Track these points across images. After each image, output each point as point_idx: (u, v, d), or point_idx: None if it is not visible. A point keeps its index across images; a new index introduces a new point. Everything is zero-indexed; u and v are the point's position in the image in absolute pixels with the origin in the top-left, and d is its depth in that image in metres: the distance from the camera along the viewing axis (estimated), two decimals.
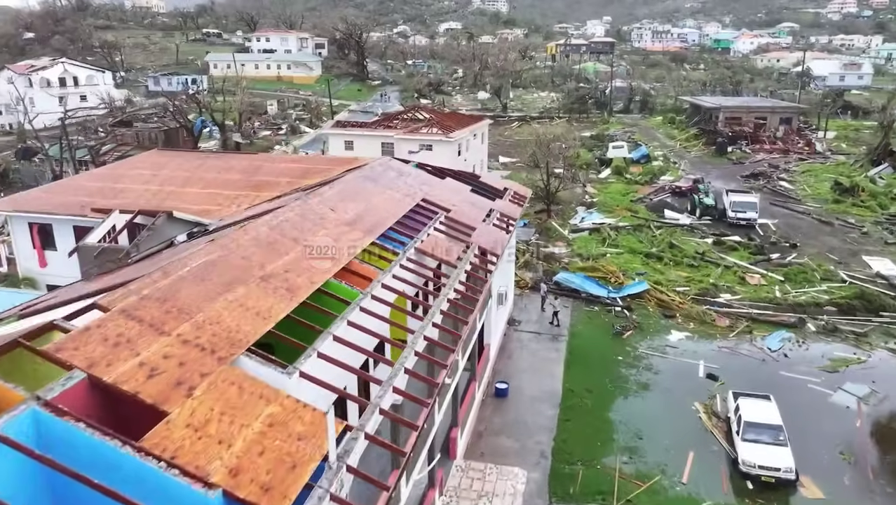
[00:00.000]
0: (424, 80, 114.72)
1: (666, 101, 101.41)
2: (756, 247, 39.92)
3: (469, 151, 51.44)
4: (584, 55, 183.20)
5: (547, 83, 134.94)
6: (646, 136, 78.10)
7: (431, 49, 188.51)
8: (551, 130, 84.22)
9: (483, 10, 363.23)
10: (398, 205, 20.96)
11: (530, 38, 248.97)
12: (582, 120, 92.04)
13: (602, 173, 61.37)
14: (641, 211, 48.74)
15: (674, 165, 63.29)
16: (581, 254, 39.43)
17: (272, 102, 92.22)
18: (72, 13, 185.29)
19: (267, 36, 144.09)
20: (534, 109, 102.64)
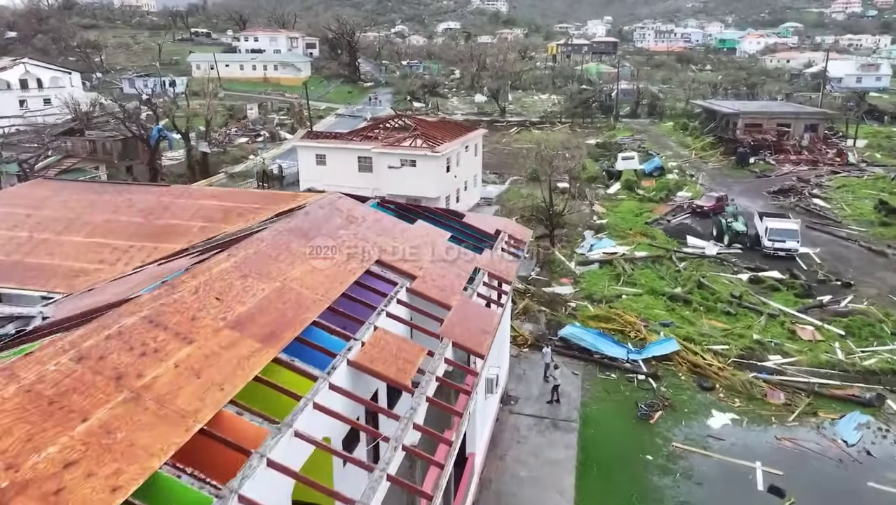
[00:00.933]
0: (418, 82, 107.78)
1: (675, 105, 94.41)
2: (802, 287, 32.96)
3: (460, 167, 44.54)
4: (586, 56, 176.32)
5: (548, 85, 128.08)
6: (657, 144, 71.15)
7: (429, 49, 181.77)
8: (553, 138, 77.41)
9: (482, 9, 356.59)
10: (336, 275, 14.06)
11: (530, 38, 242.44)
12: (586, 126, 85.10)
13: (610, 188, 54.44)
14: (659, 236, 41.79)
15: (691, 179, 56.33)
16: (591, 295, 32.51)
17: (252, 106, 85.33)
18: (57, 12, 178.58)
19: (255, 35, 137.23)
20: (534, 113, 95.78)
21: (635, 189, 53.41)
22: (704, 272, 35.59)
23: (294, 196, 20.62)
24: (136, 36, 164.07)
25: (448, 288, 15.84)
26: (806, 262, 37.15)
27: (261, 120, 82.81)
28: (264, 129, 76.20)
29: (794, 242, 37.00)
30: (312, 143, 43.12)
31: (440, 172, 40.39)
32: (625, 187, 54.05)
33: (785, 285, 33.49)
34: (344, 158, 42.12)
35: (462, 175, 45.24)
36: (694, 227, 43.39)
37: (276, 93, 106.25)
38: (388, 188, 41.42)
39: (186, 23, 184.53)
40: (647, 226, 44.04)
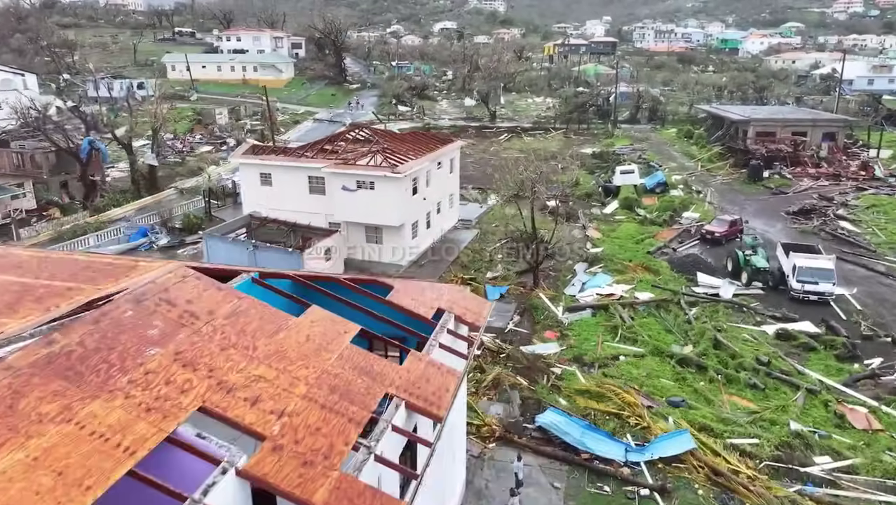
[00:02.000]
0: (405, 85, 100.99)
1: (678, 109, 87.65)
2: (844, 346, 26.31)
3: (431, 187, 37.86)
4: (584, 56, 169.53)
5: (543, 87, 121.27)
6: (659, 153, 64.42)
7: (422, 50, 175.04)
8: (546, 146, 70.68)
9: (480, 9, 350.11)
10: (88, 465, 7.44)
11: (528, 38, 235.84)
12: (582, 132, 78.38)
13: (607, 207, 47.76)
14: (664, 270, 35.12)
15: (698, 196, 49.64)
16: (582, 356, 25.87)
17: (222, 111, 78.62)
18: (37, 11, 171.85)
19: (238, 35, 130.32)
20: (527, 118, 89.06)
21: (635, 208, 46.74)
22: (720, 322, 28.95)
23: (130, 267, 13.90)
24: (118, 35, 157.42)
25: (320, 456, 9.18)
26: (842, 305, 30.50)
27: (230, 126, 76.12)
28: (230, 136, 69.50)
29: (829, 285, 30.32)
30: (255, 160, 36.44)
31: (403, 196, 33.72)
32: (623, 206, 47.38)
33: (822, 343, 26.83)
34: (292, 178, 35.45)
35: (434, 196, 38.57)
36: (704, 258, 36.70)
37: (253, 95, 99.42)
38: (344, 214, 34.79)
39: (172, 22, 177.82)
40: (650, 256, 37.36)
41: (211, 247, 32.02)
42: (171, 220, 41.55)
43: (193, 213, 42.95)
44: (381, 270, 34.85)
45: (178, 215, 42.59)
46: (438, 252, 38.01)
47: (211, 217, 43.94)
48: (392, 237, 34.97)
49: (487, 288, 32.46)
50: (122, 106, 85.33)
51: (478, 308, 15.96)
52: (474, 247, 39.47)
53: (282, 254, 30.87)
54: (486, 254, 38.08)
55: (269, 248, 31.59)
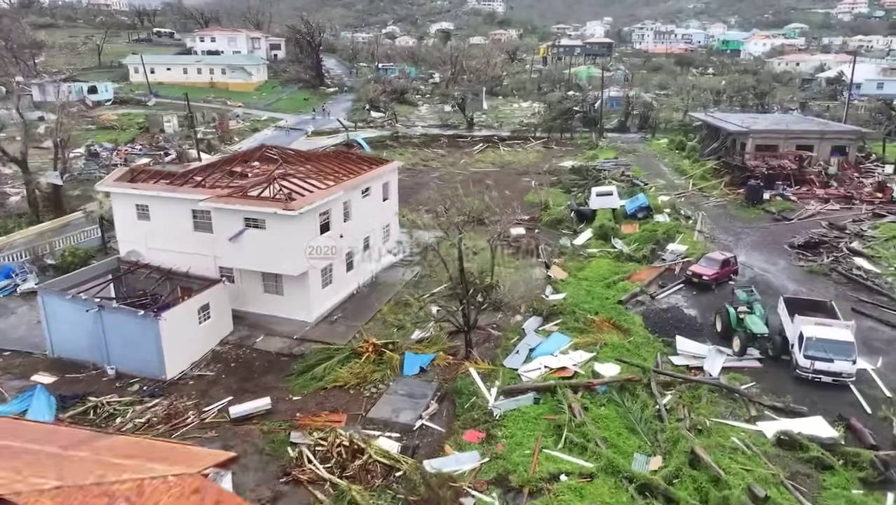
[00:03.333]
0: (380, 89, 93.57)
1: (672, 116, 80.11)
2: (874, 465, 18.82)
3: (352, 220, 30.54)
4: (579, 58, 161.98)
5: (531, 91, 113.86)
6: (646, 168, 56.88)
7: (413, 51, 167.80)
8: (522, 158, 63.32)
9: (478, 9, 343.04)
10: None
11: (525, 39, 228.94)
12: (564, 142, 70.91)
13: (579, 237, 40.31)
14: (636, 327, 27.68)
15: (687, 222, 42.15)
16: (508, 475, 18.51)
17: (170, 118, 71.39)
18: (13, 11, 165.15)
19: (212, 35, 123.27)
20: (509, 125, 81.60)
21: (612, 238, 39.28)
22: (702, 414, 21.54)
23: None
24: (93, 36, 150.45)
25: None
26: (865, 387, 23.04)
27: (178, 134, 68.91)
28: (172, 146, 62.27)
29: (848, 363, 22.81)
30: (129, 189, 29.16)
31: (305, 236, 26.40)
32: (598, 235, 39.92)
33: (840, 456, 19.38)
34: (173, 212, 28.15)
35: (358, 231, 31.25)
36: (688, 312, 29.27)
37: (219, 100, 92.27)
38: (233, 259, 27.48)
39: (154, 22, 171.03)
40: (621, 306, 29.93)
41: (49, 308, 24.73)
42: (49, 257, 34.34)
43: (81, 248, 35.65)
44: (281, 331, 27.59)
45: (62, 249, 35.31)
46: (363, 301, 30.66)
47: (107, 250, 36.71)
48: (295, 288, 27.66)
49: (406, 357, 25.11)
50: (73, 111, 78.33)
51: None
52: (411, 293, 32.12)
53: (133, 318, 23.57)
54: (419, 304, 30.77)
55: (118, 309, 24.28)
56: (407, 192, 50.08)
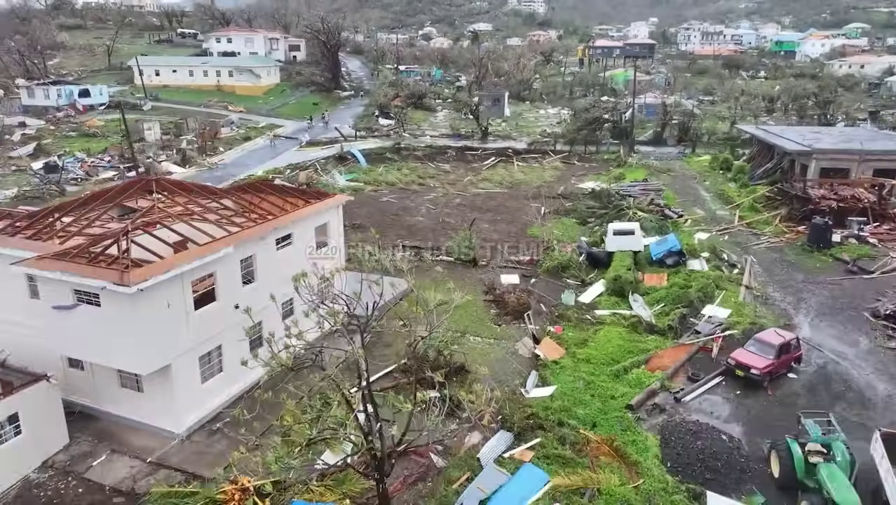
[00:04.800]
0: (392, 93, 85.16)
1: (716, 127, 69.37)
2: None
3: (262, 280, 22.10)
4: (618, 60, 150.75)
5: (562, 95, 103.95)
6: (682, 193, 46.91)
7: (443, 53, 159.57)
8: (536, 177, 54.01)
9: (518, 10, 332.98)
10: None
11: (565, 40, 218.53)
12: (589, 157, 61.16)
13: (588, 290, 30.96)
14: (648, 460, 18.46)
15: (731, 273, 32.28)
16: None
17: (152, 125, 64.51)
18: (44, 13, 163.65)
19: (228, 36, 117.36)
20: (530, 135, 72.14)
21: (630, 295, 29.86)
22: None
23: None
24: (117, 37, 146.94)
25: None
26: None
27: (163, 143, 61.95)
28: (139, 160, 55.12)
29: None
30: None
31: (155, 319, 18.06)
32: (612, 289, 30.54)
33: None
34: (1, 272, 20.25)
35: (276, 291, 22.77)
36: (728, 433, 19.79)
37: (221, 104, 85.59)
38: (60, 342, 19.31)
39: (181, 23, 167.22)
40: (631, 415, 20.72)
41: None
42: None
43: None
44: (136, 446, 19.34)
45: None
46: (270, 396, 22.10)
47: None
48: (157, 384, 19.35)
49: None
50: (54, 117, 72.59)
51: None
52: (343, 379, 23.44)
53: None
54: (347, 398, 22.06)
55: None
56: (387, 222, 41.56)
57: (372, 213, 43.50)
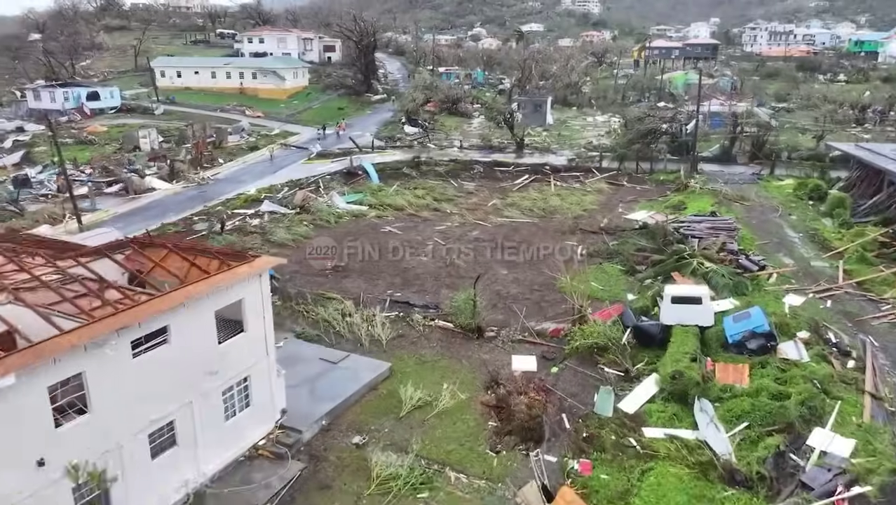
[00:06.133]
0: (421, 98, 76.46)
1: (797, 140, 57.90)
2: None
3: (110, 403, 13.44)
4: (678, 61, 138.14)
5: (614, 101, 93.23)
6: (761, 229, 36.38)
7: (488, 54, 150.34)
8: (575, 202, 44.34)
9: (572, 10, 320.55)
10: None
11: (619, 41, 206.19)
12: (641, 177, 50.93)
13: (632, 394, 21.35)
14: None
15: (844, 369, 22.09)
16: None
17: (147, 133, 57.77)
18: (92, 15, 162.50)
19: (261, 36, 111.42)
20: (574, 147, 62.26)
21: (696, 400, 20.20)
22: None
23: None
24: (160, 37, 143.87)
25: None
26: None
27: (153, 153, 55.09)
28: (121, 170, 48.15)
29: None
30: None
31: None
32: (668, 392, 20.88)
33: None
34: None
35: (138, 415, 14.39)
36: None
37: (238, 108, 78.88)
38: None
39: (223, 23, 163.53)
40: None
41: None
42: None
43: None
44: None
45: None
46: None
47: None
48: None
49: None
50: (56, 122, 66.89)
51: None
52: None
53: None
54: None
55: None
56: (380, 264, 32.89)
57: (364, 249, 34.94)
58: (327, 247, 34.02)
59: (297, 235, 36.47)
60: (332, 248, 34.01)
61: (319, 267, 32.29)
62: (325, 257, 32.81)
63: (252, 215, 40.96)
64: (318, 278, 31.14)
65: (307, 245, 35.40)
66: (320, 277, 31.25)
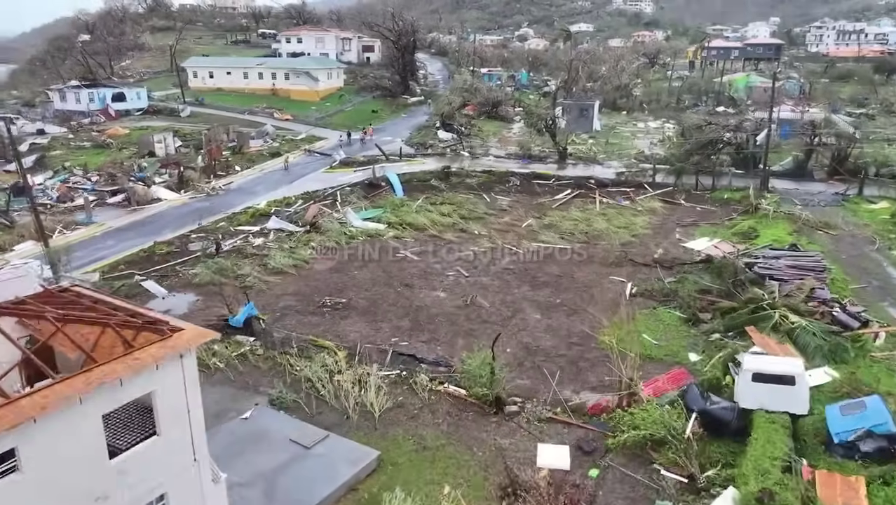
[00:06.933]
0: (457, 101, 70.96)
1: (885, 154, 49.96)
2: None
3: None
4: (737, 63, 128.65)
5: (667, 105, 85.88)
6: (855, 271, 29.48)
7: (534, 55, 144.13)
8: (624, 224, 38.18)
9: (623, 10, 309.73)
10: None
11: (673, 41, 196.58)
12: (702, 195, 44.25)
13: None
14: None
15: None
16: None
17: (163, 137, 54.15)
18: (140, 16, 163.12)
19: (298, 36, 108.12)
20: (623, 157, 55.84)
21: None
22: None
23: None
24: (203, 37, 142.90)
25: None
26: None
27: (166, 159, 51.42)
28: (124, 178, 44.42)
29: None
30: None
31: None
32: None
33: None
34: None
35: None
36: None
37: (267, 110, 75.17)
38: None
39: (266, 23, 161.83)
40: None
41: None
42: None
43: None
44: None
45: None
46: None
47: None
48: None
49: None
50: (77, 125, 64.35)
51: None
52: None
53: None
54: None
55: None
56: (388, 299, 27.60)
57: (374, 279, 29.86)
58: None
59: (299, 260, 31.61)
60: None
61: (319, 302, 27.37)
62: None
63: (256, 233, 36.42)
64: (314, 317, 26.19)
65: (310, 273, 30.55)
66: (316, 316, 26.29)
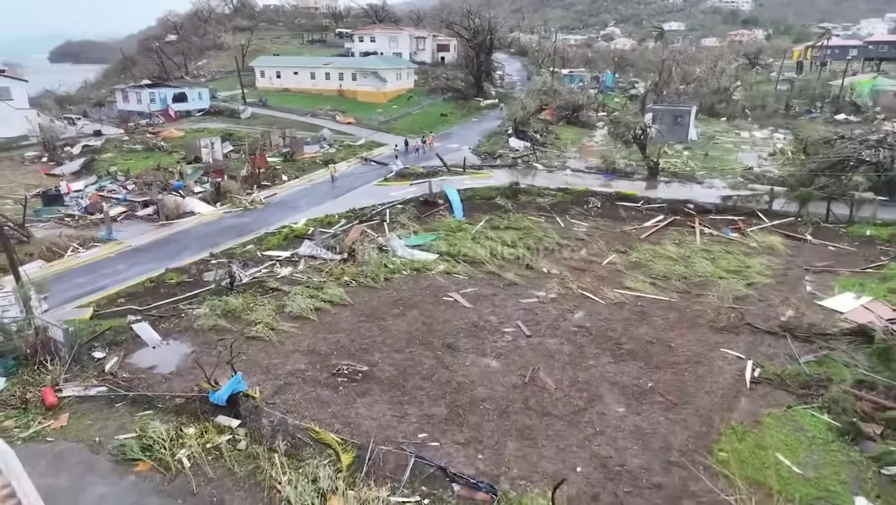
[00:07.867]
0: (533, 106, 63.54)
1: None
2: None
3: None
4: (853, 63, 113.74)
5: (775, 110, 75.00)
6: None
7: (620, 55, 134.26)
8: (734, 268, 29.93)
9: (718, 8, 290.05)
10: None
11: (774, 40, 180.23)
12: (834, 229, 35.13)
13: None
14: None
15: None
16: None
17: (209, 142, 50.10)
18: (226, 16, 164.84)
19: (372, 35, 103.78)
20: (727, 173, 46.95)
21: None
22: None
23: None
24: (281, 37, 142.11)
25: None
26: None
27: (211, 165, 47.31)
28: (157, 188, 40.26)
29: None
30: None
31: None
32: None
33: None
34: None
35: None
36: None
37: (330, 113, 70.62)
38: None
39: (345, 22, 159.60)
40: None
41: None
42: None
43: None
44: None
45: None
46: None
47: None
48: None
49: None
50: (134, 126, 61.85)
51: None
52: None
53: None
54: None
55: None
56: (424, 364, 20.83)
57: (410, 333, 23.47)
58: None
59: (324, 304, 25.68)
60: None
61: (334, 368, 21.29)
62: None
63: (285, 261, 30.92)
64: (324, 391, 20.08)
65: (334, 320, 24.60)
66: (327, 389, 20.17)
